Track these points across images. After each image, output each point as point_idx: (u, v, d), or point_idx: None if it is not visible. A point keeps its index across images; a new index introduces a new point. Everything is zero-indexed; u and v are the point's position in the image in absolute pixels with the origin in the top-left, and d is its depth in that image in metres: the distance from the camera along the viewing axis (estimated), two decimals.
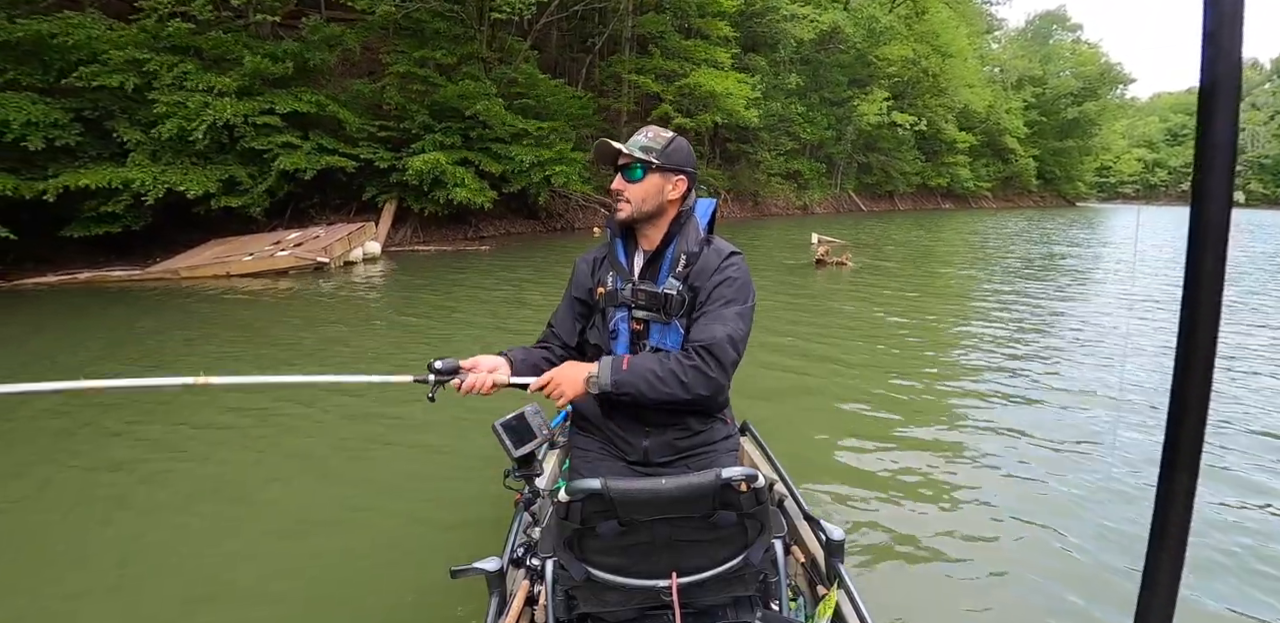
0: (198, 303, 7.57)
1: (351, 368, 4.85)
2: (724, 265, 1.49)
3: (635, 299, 1.50)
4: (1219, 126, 0.54)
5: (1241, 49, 0.53)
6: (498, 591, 1.36)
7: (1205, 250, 0.56)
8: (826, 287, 9.14)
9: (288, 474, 3.08)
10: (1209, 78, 0.53)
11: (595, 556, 1.23)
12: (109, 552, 2.43)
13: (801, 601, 1.54)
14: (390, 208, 12.96)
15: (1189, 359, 0.57)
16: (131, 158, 9.85)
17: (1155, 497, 0.61)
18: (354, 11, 12.77)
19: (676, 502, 1.16)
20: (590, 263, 1.64)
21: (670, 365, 1.38)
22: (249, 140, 10.86)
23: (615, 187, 1.50)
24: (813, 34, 24.66)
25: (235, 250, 9.83)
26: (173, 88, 10.16)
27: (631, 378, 1.38)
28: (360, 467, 3.12)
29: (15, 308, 7.44)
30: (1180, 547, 0.61)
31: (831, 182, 30.29)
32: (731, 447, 1.60)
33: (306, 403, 3.90)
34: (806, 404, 4.11)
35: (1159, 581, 0.62)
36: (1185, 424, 0.58)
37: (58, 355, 5.24)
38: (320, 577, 2.26)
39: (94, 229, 9.71)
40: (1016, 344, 5.65)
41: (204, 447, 3.37)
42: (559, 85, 15.79)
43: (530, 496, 1.62)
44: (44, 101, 9.13)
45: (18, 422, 3.68)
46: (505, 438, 1.48)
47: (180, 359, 5.13)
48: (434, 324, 6.44)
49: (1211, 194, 0.55)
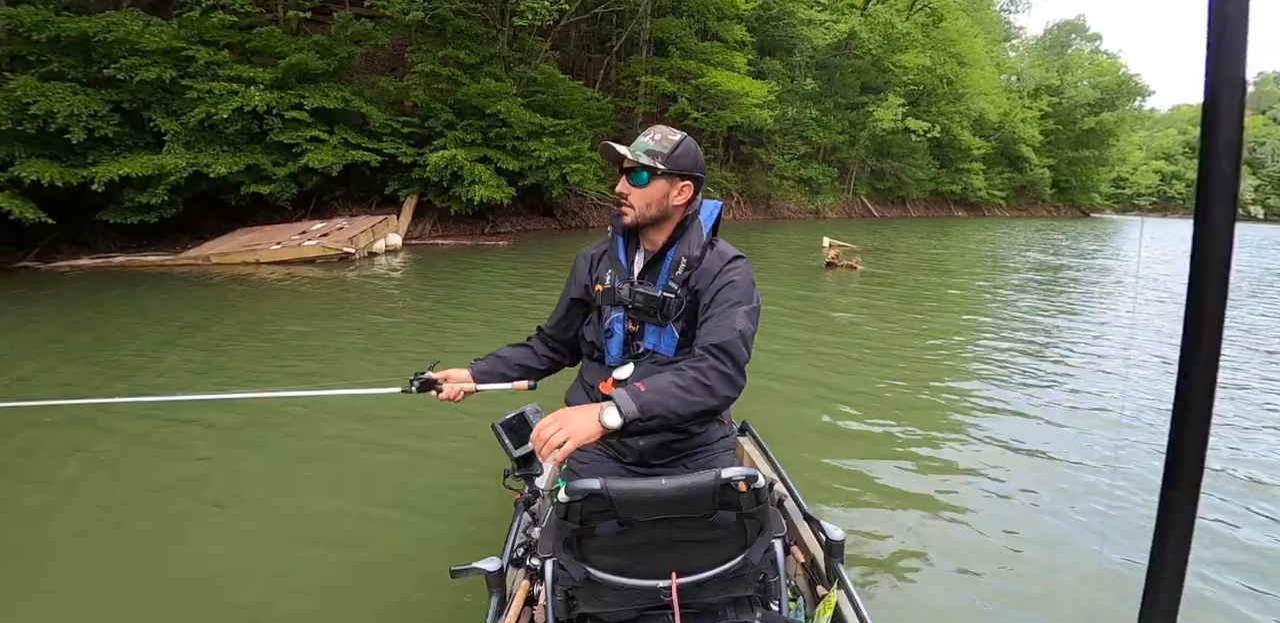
0: (228, 286, 7.89)
1: (377, 354, 5.10)
2: (727, 269, 1.46)
3: (632, 300, 1.47)
4: (1223, 139, 0.54)
5: (1245, 62, 0.52)
6: (497, 591, 1.36)
7: (1208, 267, 0.55)
8: (835, 289, 9.32)
9: (286, 475, 3.05)
10: (1212, 91, 0.53)
11: (595, 556, 1.23)
12: (107, 553, 2.37)
13: (801, 601, 1.53)
14: (411, 202, 13.29)
15: (1192, 367, 0.57)
16: (168, 146, 10.21)
17: (1159, 501, 0.61)
18: (379, 9, 13.12)
19: (676, 502, 1.16)
20: (590, 259, 1.62)
21: (689, 374, 1.27)
22: (277, 133, 11.22)
23: (620, 190, 1.48)
24: (829, 39, 24.81)
25: (263, 239, 10.17)
26: (205, 77, 10.55)
27: (657, 397, 1.21)
28: (359, 467, 3.10)
29: (56, 287, 7.80)
30: (1183, 551, 0.61)
31: (844, 186, 30.37)
32: (727, 446, 1.59)
33: (304, 403, 3.86)
34: (807, 404, 4.10)
35: (1162, 581, 0.62)
36: (1188, 429, 0.58)
37: (107, 334, 5.56)
38: (319, 577, 2.24)
39: (130, 218, 10.08)
40: (1018, 351, 5.66)
41: (198, 447, 3.30)
42: (577, 86, 16.10)
43: (530, 495, 1.62)
44: (85, 92, 9.52)
45: None
46: (505, 438, 1.48)
47: (216, 345, 5.41)
48: (454, 313, 6.72)
49: (1215, 201, 0.54)
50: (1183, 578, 0.62)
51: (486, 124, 13.73)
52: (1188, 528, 0.61)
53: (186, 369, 4.55)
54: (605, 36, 20.10)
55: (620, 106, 19.00)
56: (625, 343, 1.51)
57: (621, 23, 19.39)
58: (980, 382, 4.69)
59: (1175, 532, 0.61)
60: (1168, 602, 0.63)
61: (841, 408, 4.04)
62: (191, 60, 10.42)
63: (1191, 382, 0.57)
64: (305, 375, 4.51)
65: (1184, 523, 0.61)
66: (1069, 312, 8.07)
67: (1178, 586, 0.62)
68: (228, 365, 4.66)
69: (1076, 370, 5.09)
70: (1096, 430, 3.72)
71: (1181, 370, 0.58)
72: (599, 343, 1.54)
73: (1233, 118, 0.53)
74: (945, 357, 5.49)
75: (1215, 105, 0.53)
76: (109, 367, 4.60)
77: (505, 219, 15.41)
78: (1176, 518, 0.61)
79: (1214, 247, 0.55)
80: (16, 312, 6.37)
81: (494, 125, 13.73)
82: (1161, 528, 0.62)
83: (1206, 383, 0.57)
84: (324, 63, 11.62)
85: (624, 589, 1.23)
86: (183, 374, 4.45)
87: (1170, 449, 0.60)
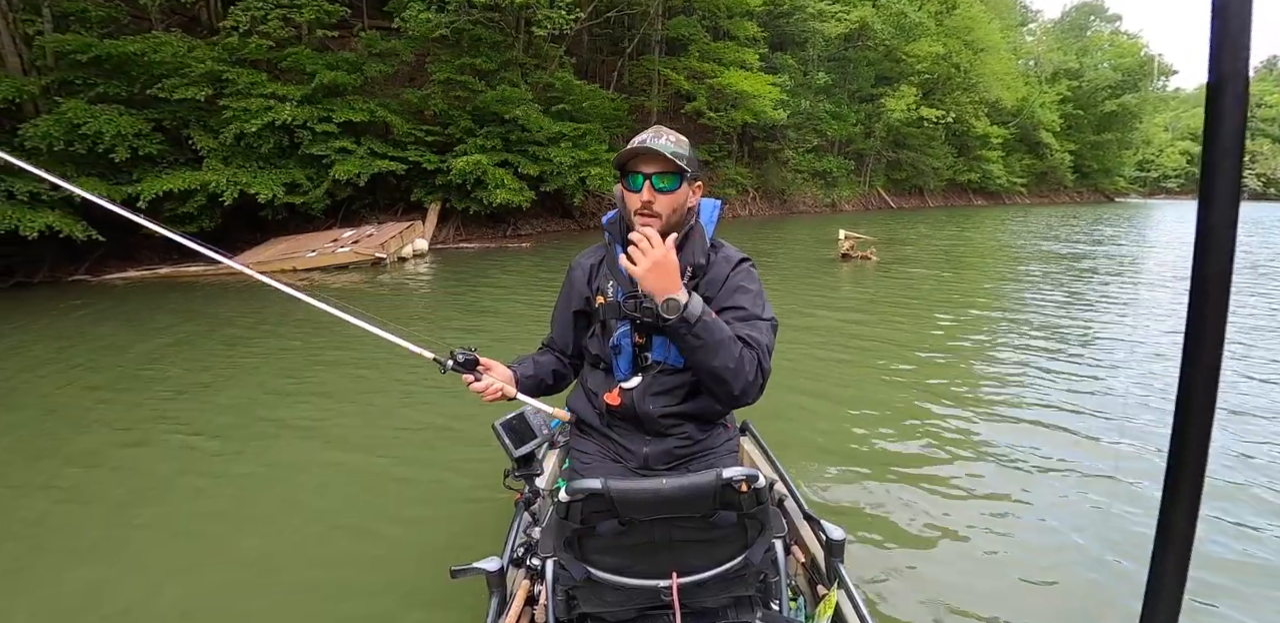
0: (271, 292, 8.30)
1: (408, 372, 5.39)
2: (734, 275, 1.42)
3: (641, 313, 1.38)
4: (1227, 125, 0.53)
5: (1248, 54, 0.52)
6: (498, 591, 1.36)
7: (1211, 253, 0.55)
8: (849, 280, 9.43)
9: (285, 475, 3.07)
10: (1215, 84, 0.53)
11: (595, 555, 1.23)
12: (119, 546, 2.49)
13: (801, 601, 1.53)
14: (436, 208, 13.72)
15: (1193, 364, 0.57)
16: (206, 162, 10.73)
17: (1160, 502, 0.61)
18: (402, 26, 13.55)
19: (676, 502, 1.16)
20: (587, 270, 1.54)
21: (743, 348, 1.31)
22: (308, 146, 11.70)
23: (645, 198, 1.34)
24: (842, 30, 24.78)
25: (298, 247, 10.64)
26: (241, 95, 11.05)
27: (713, 329, 1.28)
28: (358, 467, 3.13)
29: (113, 296, 8.31)
30: (1185, 550, 0.61)
31: (860, 179, 30.27)
32: (731, 449, 1.58)
33: (314, 404, 3.96)
34: (808, 404, 4.04)
35: (1163, 586, 0.62)
36: (1190, 426, 0.58)
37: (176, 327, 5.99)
38: (319, 577, 2.23)
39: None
40: (1028, 348, 5.45)
41: (197, 447, 3.38)
42: (593, 89, 16.40)
43: (530, 495, 1.62)
44: (129, 113, 10.06)
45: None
46: (505, 438, 1.47)
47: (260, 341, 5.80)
48: (494, 306, 7.09)
49: (1218, 195, 0.54)
50: (1183, 585, 0.61)
51: (506, 129, 14.11)
52: (1190, 527, 0.60)
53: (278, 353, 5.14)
54: (618, 38, 20.37)
55: (634, 104, 19.28)
56: (634, 356, 1.46)
57: (633, 25, 19.64)
58: (987, 380, 4.57)
59: (1176, 534, 0.60)
60: (1167, 609, 0.62)
61: (844, 409, 3.96)
62: (229, 82, 10.94)
63: (1195, 369, 0.57)
64: (366, 359, 4.93)
65: (1186, 522, 0.60)
66: (1083, 304, 7.62)
67: (1178, 593, 0.61)
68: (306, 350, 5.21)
69: (1089, 371, 4.82)
70: (1103, 435, 3.60)
71: (1184, 367, 0.57)
72: (605, 357, 1.50)
73: (1236, 110, 0.53)
74: (957, 356, 5.29)
75: (1218, 98, 0.53)
76: (205, 357, 5.29)
77: (525, 221, 15.79)
78: (1177, 524, 0.60)
79: (1217, 242, 0.54)
80: (88, 318, 6.88)
81: (513, 130, 14.10)
82: (1162, 535, 0.61)
83: (1209, 375, 0.56)
84: (353, 78, 12.12)
85: (624, 589, 1.24)
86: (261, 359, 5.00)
87: (1170, 458, 0.60)
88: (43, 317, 7.09)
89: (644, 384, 1.44)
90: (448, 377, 1.50)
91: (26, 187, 8.88)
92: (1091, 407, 3.99)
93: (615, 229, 1.48)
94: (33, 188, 8.96)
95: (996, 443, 3.45)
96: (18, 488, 3.02)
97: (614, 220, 1.50)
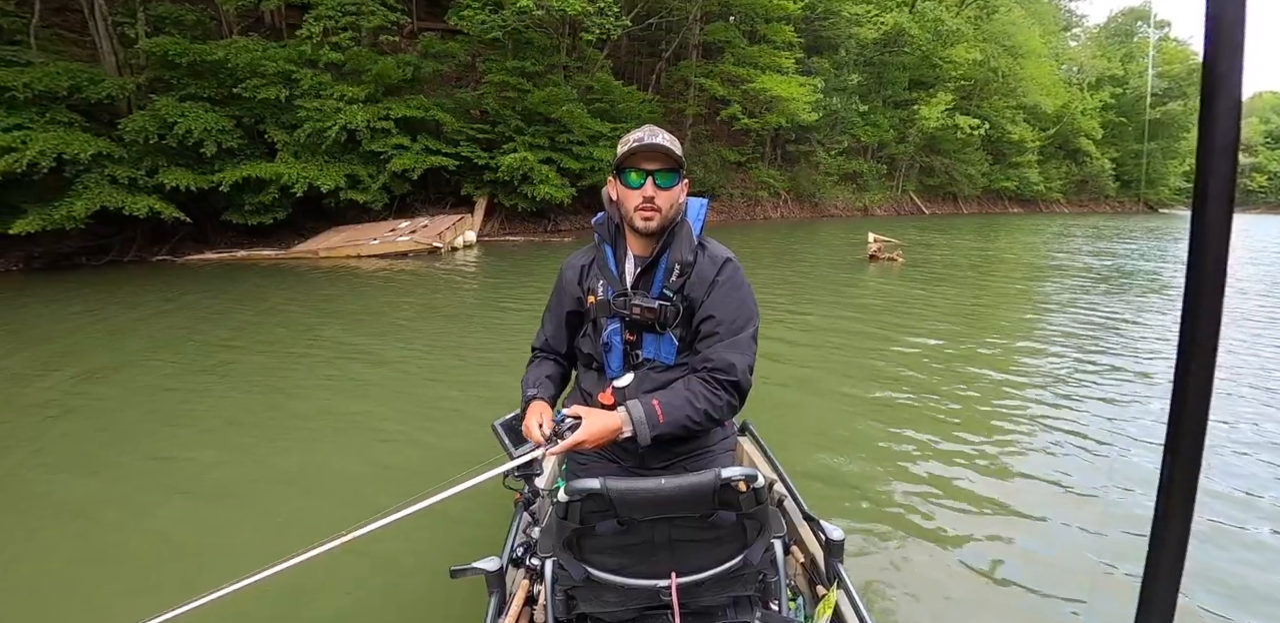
0: (339, 275, 9.12)
1: (478, 337, 5.67)
2: (720, 276, 1.43)
3: (630, 311, 1.43)
4: (1221, 126, 0.54)
5: (1242, 61, 0.53)
6: (497, 591, 1.36)
7: (1206, 254, 0.55)
8: (875, 280, 9.68)
9: (284, 475, 3.06)
10: (1209, 90, 0.54)
11: (595, 555, 1.23)
12: (140, 537, 2.51)
13: (801, 601, 1.53)
14: (483, 202, 14.54)
15: (1189, 362, 0.57)
16: (279, 156, 11.67)
17: (1155, 504, 0.62)
18: (460, 26, 14.40)
19: (676, 502, 1.16)
20: (578, 270, 1.56)
21: (701, 406, 1.36)
22: (368, 143, 12.59)
23: (647, 194, 1.38)
24: (876, 33, 24.85)
25: (359, 236, 11.51)
26: (310, 95, 11.99)
27: (670, 429, 1.35)
28: (357, 467, 3.13)
29: (197, 277, 9.24)
30: (1179, 554, 0.61)
31: (892, 183, 30.27)
32: (728, 447, 1.59)
33: (303, 403, 4.00)
34: (809, 404, 4.04)
35: (1159, 584, 0.62)
36: (1185, 420, 0.59)
37: (273, 306, 6.77)
38: (319, 577, 2.21)
39: (251, 219, 11.59)
40: (1044, 354, 5.32)
41: (190, 443, 3.40)
42: (631, 91, 17.07)
43: (530, 495, 1.61)
44: (214, 111, 11.04)
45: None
46: (504, 438, 1.45)
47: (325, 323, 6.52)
48: (544, 297, 7.70)
49: (1212, 200, 0.55)
50: (1178, 583, 0.62)
51: (552, 129, 14.90)
52: (1184, 528, 0.61)
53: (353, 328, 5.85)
54: (656, 42, 20.99)
55: (670, 108, 19.87)
56: (624, 354, 1.49)
57: (672, 29, 20.23)
58: (994, 386, 4.47)
59: (1171, 535, 0.61)
60: (1163, 605, 0.63)
61: (844, 409, 3.95)
62: (297, 82, 11.89)
63: (1189, 366, 0.58)
64: (439, 335, 5.59)
65: (1180, 522, 0.61)
66: (1107, 314, 7.12)
67: (1173, 591, 0.62)
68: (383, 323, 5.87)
69: (1103, 381, 4.63)
70: (1106, 441, 3.60)
71: (1178, 365, 0.58)
72: (597, 356, 1.52)
73: (1229, 116, 0.53)
74: (966, 360, 5.15)
75: (1212, 104, 0.54)
76: (292, 326, 6.06)
77: (565, 217, 16.55)
78: (1173, 518, 0.61)
79: (1210, 245, 0.55)
80: (184, 294, 7.75)
81: (559, 130, 14.88)
82: (1156, 536, 0.62)
83: (1203, 374, 0.57)
84: (401, 72, 13.06)
85: (624, 589, 1.24)
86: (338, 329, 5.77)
87: (1164, 467, 0.61)
88: (152, 293, 7.99)
89: (636, 382, 1.46)
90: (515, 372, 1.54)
91: (126, 173, 9.89)
92: (1098, 414, 3.92)
93: (604, 230, 1.52)
94: (130, 173, 9.97)
95: (999, 446, 3.43)
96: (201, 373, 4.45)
97: (603, 222, 1.53)
